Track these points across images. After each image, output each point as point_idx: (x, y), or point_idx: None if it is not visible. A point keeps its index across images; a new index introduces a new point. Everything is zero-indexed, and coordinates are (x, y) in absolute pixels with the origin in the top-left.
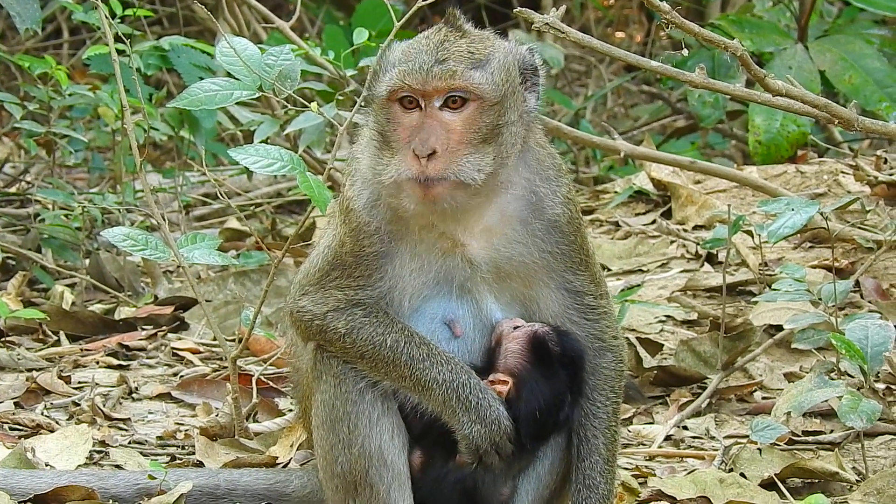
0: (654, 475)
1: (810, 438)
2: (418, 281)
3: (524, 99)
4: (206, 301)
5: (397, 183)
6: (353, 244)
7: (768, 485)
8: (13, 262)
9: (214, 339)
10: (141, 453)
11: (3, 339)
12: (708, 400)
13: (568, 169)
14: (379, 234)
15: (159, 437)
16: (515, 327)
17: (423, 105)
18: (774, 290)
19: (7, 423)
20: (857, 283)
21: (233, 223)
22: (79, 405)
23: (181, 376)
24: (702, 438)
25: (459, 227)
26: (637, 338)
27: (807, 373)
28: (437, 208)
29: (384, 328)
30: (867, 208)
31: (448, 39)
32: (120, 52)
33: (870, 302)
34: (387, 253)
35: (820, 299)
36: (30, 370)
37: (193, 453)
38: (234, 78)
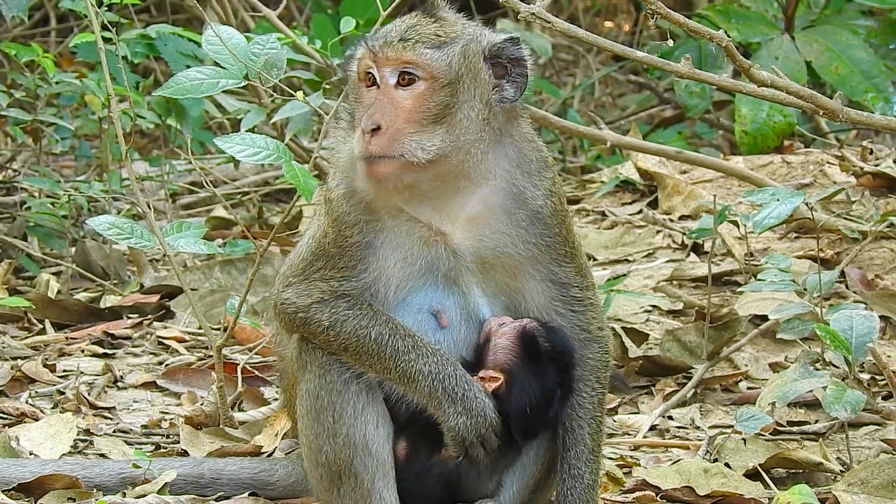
0: (639, 465)
1: (795, 429)
2: (403, 272)
3: (494, 86)
4: (192, 290)
5: (351, 163)
6: (336, 235)
7: (753, 475)
8: None
9: (200, 327)
10: (126, 442)
11: None
12: (693, 390)
13: (554, 160)
14: (359, 224)
15: (144, 426)
16: (502, 324)
17: (378, 82)
18: (760, 280)
19: None
20: (843, 274)
21: (219, 212)
22: (63, 394)
23: (166, 365)
24: (687, 428)
25: (436, 215)
26: (623, 327)
27: (792, 363)
28: (384, 188)
29: (368, 320)
30: (853, 199)
31: (419, 24)
32: (107, 41)
33: (855, 292)
34: (370, 244)
35: (805, 290)
36: (14, 358)
37: (178, 442)
38: (221, 66)
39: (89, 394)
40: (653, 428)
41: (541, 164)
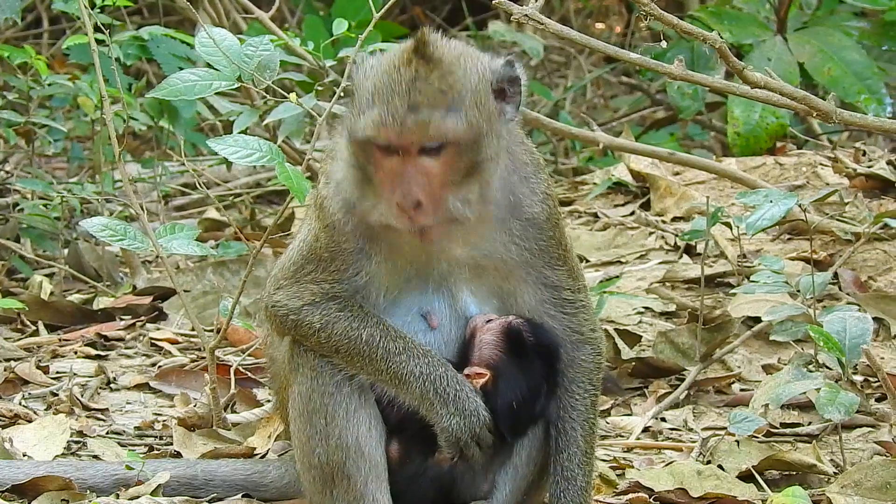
0: (632, 467)
1: (788, 430)
2: (395, 277)
3: (501, 114)
4: (185, 291)
5: (388, 226)
6: (329, 240)
7: (746, 477)
8: None
9: (193, 329)
10: (119, 443)
11: None
12: (686, 392)
13: (546, 161)
14: (354, 234)
15: (137, 428)
16: (489, 320)
17: (400, 151)
18: (753, 281)
19: None
20: (836, 276)
21: (212, 213)
22: (57, 395)
23: (159, 366)
24: (680, 430)
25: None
26: (615, 329)
27: (785, 365)
28: (433, 244)
29: (359, 322)
30: (846, 200)
31: (419, 77)
32: (99, 42)
33: (848, 294)
34: (362, 249)
35: (798, 291)
36: (8, 360)
37: (171, 444)
38: (214, 68)
39: (82, 395)
40: (646, 430)
41: (535, 167)
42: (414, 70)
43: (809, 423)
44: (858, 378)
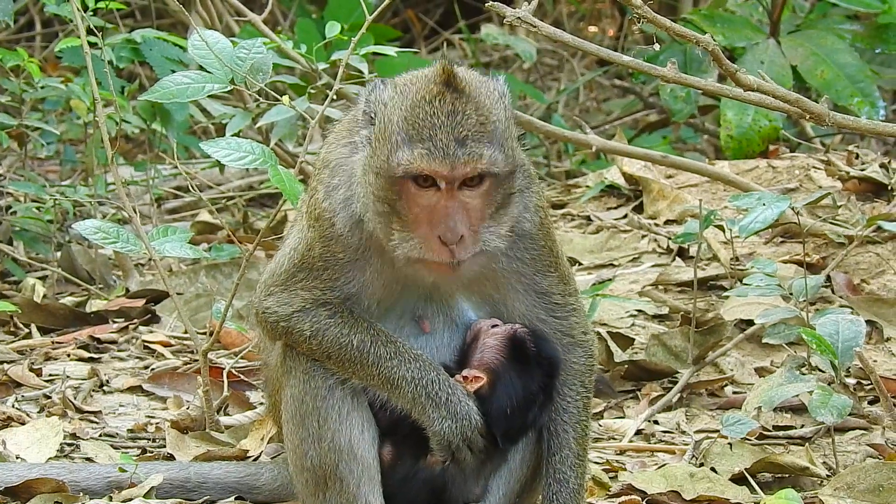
0: (625, 469)
1: (781, 433)
2: (386, 288)
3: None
4: (178, 294)
5: (419, 260)
6: (324, 250)
7: (739, 479)
8: None
9: (186, 332)
10: (112, 446)
11: None
12: (679, 394)
13: (538, 165)
14: (353, 246)
15: (130, 430)
16: (494, 325)
17: (441, 186)
18: (746, 284)
19: None
20: (829, 278)
21: (204, 216)
22: (50, 398)
23: (152, 369)
24: (672, 433)
25: None
26: (608, 332)
27: (778, 368)
28: (457, 278)
29: (350, 328)
30: (838, 203)
31: (457, 110)
32: (92, 45)
33: (841, 297)
34: (357, 261)
35: (791, 294)
36: (1, 362)
37: (164, 446)
38: (206, 71)
39: (75, 398)
40: (638, 432)
41: (528, 179)
42: (450, 104)
43: (802, 426)
44: (851, 381)
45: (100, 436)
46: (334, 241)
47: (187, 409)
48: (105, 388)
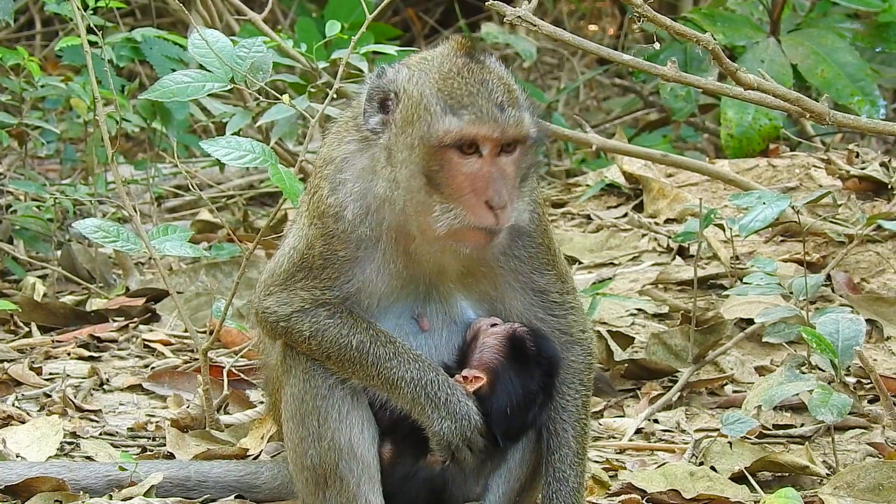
0: (625, 468)
1: (781, 432)
2: (387, 284)
3: None
4: (178, 293)
5: (459, 230)
6: (324, 247)
7: (738, 478)
8: None
9: (186, 330)
10: (112, 445)
11: None
12: (679, 393)
13: (538, 163)
14: (358, 241)
15: (130, 429)
16: (494, 324)
17: (482, 152)
18: (746, 283)
19: None
20: (829, 277)
21: (205, 215)
22: (50, 396)
23: (152, 368)
24: (672, 432)
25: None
26: (608, 331)
27: (778, 366)
28: (482, 254)
29: (349, 329)
30: (839, 202)
31: (486, 78)
32: (92, 44)
33: (841, 296)
34: (356, 258)
35: (791, 293)
36: (1, 361)
37: (164, 445)
38: (206, 70)
39: (75, 397)
40: (638, 431)
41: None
42: (479, 73)
43: (802, 425)
44: (851, 380)
45: (100, 434)
46: (336, 237)
47: (187, 407)
48: (105, 386)
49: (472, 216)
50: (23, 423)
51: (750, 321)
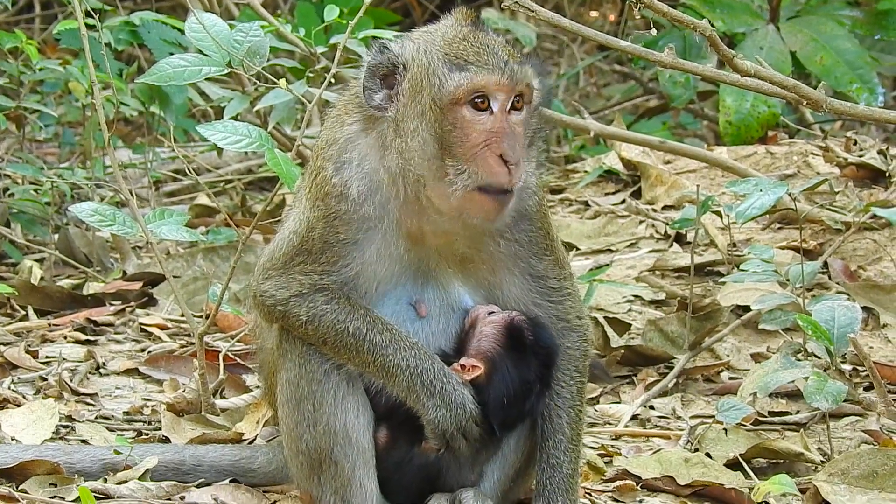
0: (620, 454)
1: (776, 419)
2: (386, 269)
3: None
4: (175, 277)
5: (472, 197)
6: (326, 230)
7: (733, 465)
8: None
9: (182, 315)
10: (107, 428)
11: None
12: (675, 380)
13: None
14: (360, 222)
15: (126, 413)
16: (491, 312)
17: (493, 108)
18: (742, 270)
19: None
20: (825, 265)
21: (202, 199)
22: (46, 380)
23: (149, 352)
24: (668, 418)
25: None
26: (605, 317)
27: (773, 353)
28: (494, 224)
29: (346, 315)
30: (836, 190)
31: (490, 41)
32: (90, 28)
33: (837, 283)
34: (356, 241)
35: (787, 280)
36: None
37: (160, 429)
38: (204, 54)
39: (71, 380)
40: (634, 417)
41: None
42: (483, 38)
43: (797, 412)
44: (846, 367)
45: (95, 418)
46: (339, 218)
47: (183, 391)
48: (101, 370)
49: (486, 173)
50: (18, 406)
51: (746, 308)
